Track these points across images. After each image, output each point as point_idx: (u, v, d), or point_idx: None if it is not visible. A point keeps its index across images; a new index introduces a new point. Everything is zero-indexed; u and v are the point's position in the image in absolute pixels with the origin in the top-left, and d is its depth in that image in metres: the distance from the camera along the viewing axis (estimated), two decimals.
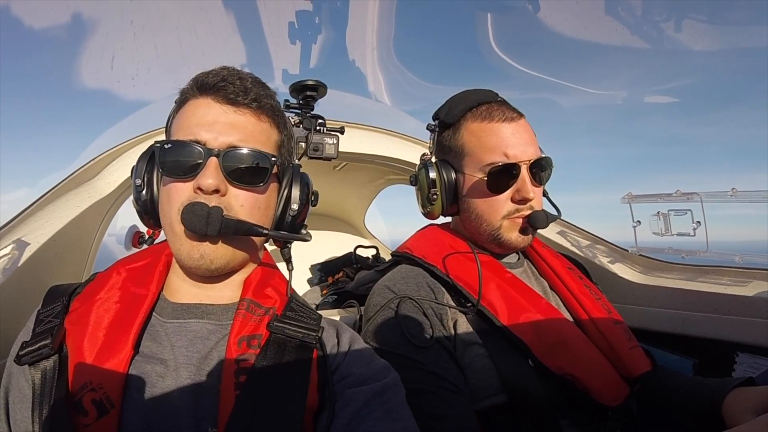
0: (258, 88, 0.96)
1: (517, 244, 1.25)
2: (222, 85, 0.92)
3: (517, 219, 1.23)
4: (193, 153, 0.88)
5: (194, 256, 0.88)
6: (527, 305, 1.17)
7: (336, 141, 1.51)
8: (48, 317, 0.89)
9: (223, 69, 0.96)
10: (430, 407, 1.03)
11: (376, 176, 2.94)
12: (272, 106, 0.98)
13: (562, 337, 1.14)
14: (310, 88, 1.41)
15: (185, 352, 0.86)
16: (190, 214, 0.85)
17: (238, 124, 0.92)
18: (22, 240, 1.21)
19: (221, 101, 0.92)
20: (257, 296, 0.95)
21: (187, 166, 0.88)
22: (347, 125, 1.83)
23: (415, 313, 1.16)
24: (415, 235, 1.44)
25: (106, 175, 1.53)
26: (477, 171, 1.23)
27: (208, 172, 0.87)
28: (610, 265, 1.78)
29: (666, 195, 1.57)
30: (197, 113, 0.92)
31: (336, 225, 3.61)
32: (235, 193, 0.90)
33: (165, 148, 0.90)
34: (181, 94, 0.98)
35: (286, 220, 1.00)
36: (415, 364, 1.08)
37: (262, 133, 0.95)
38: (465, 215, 1.31)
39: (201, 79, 0.94)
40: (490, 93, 1.32)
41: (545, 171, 1.25)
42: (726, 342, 1.43)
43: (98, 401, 0.76)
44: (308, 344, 0.90)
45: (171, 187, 0.90)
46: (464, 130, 1.27)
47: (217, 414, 0.78)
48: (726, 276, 1.50)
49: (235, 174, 0.89)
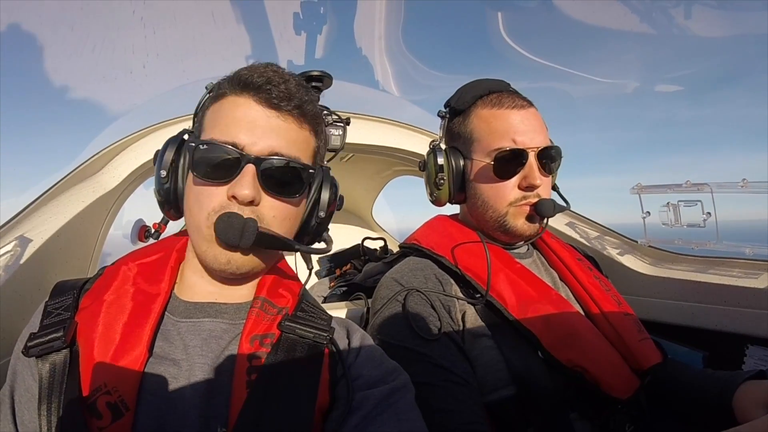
0: (302, 92, 0.91)
1: (523, 231, 1.24)
2: (267, 87, 0.87)
3: (523, 206, 1.22)
4: (229, 157, 0.85)
5: (221, 261, 0.87)
6: (537, 296, 1.16)
7: (342, 132, 1.50)
8: (57, 309, 0.88)
9: (267, 68, 0.92)
10: (437, 401, 1.03)
11: (384, 167, 2.94)
12: (314, 113, 0.94)
13: (573, 329, 1.14)
14: (316, 79, 1.40)
15: (200, 351, 0.85)
16: (225, 225, 0.82)
17: (280, 130, 0.88)
18: (26, 236, 1.21)
19: (264, 104, 0.88)
20: (271, 295, 0.94)
21: (223, 170, 0.85)
22: (353, 116, 1.82)
23: (423, 305, 1.15)
24: (423, 226, 1.43)
25: (111, 168, 1.53)
26: (485, 156, 1.23)
27: (245, 181, 0.83)
28: (620, 257, 1.77)
29: (676, 186, 1.56)
30: (237, 113, 0.88)
31: (344, 217, 3.61)
32: (270, 203, 0.88)
33: (199, 147, 0.86)
34: (219, 86, 0.93)
35: (311, 225, 0.98)
36: (423, 358, 1.08)
37: (303, 141, 0.92)
38: (472, 202, 1.31)
39: (244, 75, 0.89)
40: (502, 83, 1.32)
41: (554, 161, 1.24)
42: (736, 334, 1.42)
43: (113, 404, 0.75)
44: (319, 344, 0.89)
45: (202, 190, 0.87)
46: (474, 117, 1.27)
47: (228, 413, 0.78)
48: (736, 268, 1.48)
49: (272, 184, 0.86)
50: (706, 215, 1.49)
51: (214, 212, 0.85)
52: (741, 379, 1.09)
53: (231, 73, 0.93)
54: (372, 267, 1.85)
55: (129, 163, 1.55)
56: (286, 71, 0.94)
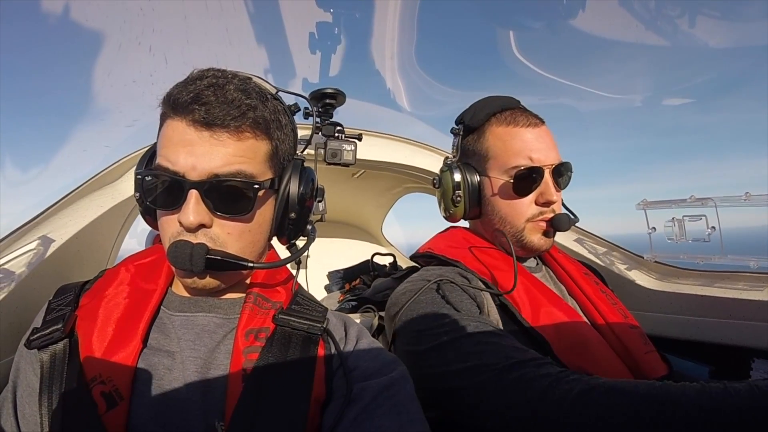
0: (241, 98, 0.85)
1: (539, 247, 1.27)
2: (194, 108, 0.82)
3: (540, 222, 1.25)
4: (172, 185, 0.84)
5: (187, 282, 0.88)
6: (549, 305, 1.18)
7: (354, 147, 1.54)
8: (59, 306, 0.91)
9: (199, 78, 0.87)
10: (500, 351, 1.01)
11: (394, 184, 2.96)
12: (255, 118, 0.87)
13: (582, 338, 1.15)
14: (329, 96, 1.45)
15: (192, 345, 0.86)
16: (173, 255, 0.83)
17: (216, 150, 0.83)
18: (47, 236, 1.24)
19: (195, 125, 0.83)
20: (264, 290, 0.96)
21: (170, 198, 0.84)
22: (365, 133, 1.86)
23: (459, 293, 1.16)
24: (436, 237, 1.45)
25: (129, 177, 1.56)
26: (502, 174, 1.26)
27: (189, 208, 0.82)
28: (627, 272, 1.78)
29: (680, 201, 1.57)
30: (174, 138, 0.84)
31: (353, 233, 3.64)
32: (221, 223, 0.86)
33: (146, 179, 0.86)
34: (161, 106, 0.89)
35: (286, 225, 0.97)
36: (468, 333, 1.05)
37: (246, 152, 0.86)
38: (487, 218, 1.33)
39: (174, 94, 0.85)
40: (513, 99, 1.34)
41: (564, 176, 1.27)
42: (742, 348, 1.42)
43: (107, 394, 0.77)
44: (313, 336, 0.90)
45: (161, 218, 0.88)
46: (489, 134, 1.29)
47: (225, 407, 0.79)
48: (741, 281, 1.49)
49: (218, 204, 0.84)
50: (710, 229, 1.50)
51: (172, 238, 0.85)
52: None
53: (168, 90, 0.89)
54: (381, 282, 1.87)
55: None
56: (227, 75, 0.89)
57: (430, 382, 1.03)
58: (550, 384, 0.91)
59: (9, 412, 0.82)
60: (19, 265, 1.16)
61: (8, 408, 0.83)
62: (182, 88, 0.85)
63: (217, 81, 0.86)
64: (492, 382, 0.95)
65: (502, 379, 0.95)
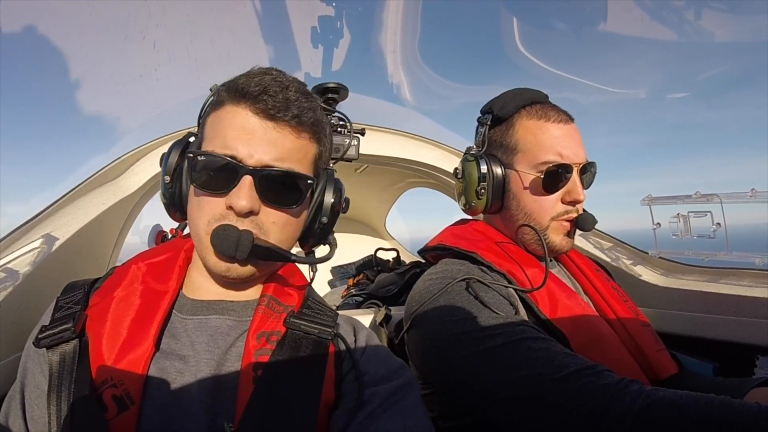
0: (301, 99, 0.90)
1: (560, 248, 1.25)
2: (263, 98, 0.86)
3: (564, 222, 1.23)
4: (227, 169, 0.85)
5: (221, 268, 0.88)
6: (566, 300, 1.17)
7: (357, 142, 1.53)
8: (68, 304, 0.90)
9: (265, 74, 0.90)
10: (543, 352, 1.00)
11: (397, 179, 2.96)
12: (314, 120, 0.92)
13: (599, 334, 1.15)
14: (332, 91, 1.43)
15: (206, 347, 0.86)
16: (220, 238, 0.84)
17: (277, 141, 0.87)
18: (50, 234, 1.24)
19: (260, 114, 0.87)
20: (278, 293, 0.96)
21: (221, 181, 0.86)
22: (368, 128, 1.85)
23: (486, 290, 1.13)
24: (447, 230, 1.41)
25: (131, 174, 1.56)
26: (530, 168, 1.23)
27: (242, 192, 0.84)
28: (632, 268, 1.78)
29: (685, 197, 1.56)
30: (234, 124, 0.87)
31: (357, 228, 3.64)
32: (268, 212, 0.88)
33: (198, 159, 0.87)
34: (218, 93, 0.92)
35: (314, 229, 0.99)
36: (515, 339, 1.03)
37: (300, 150, 0.91)
38: (509, 213, 1.29)
39: (241, 84, 0.88)
40: (542, 93, 1.31)
41: (589, 173, 1.25)
42: (746, 345, 1.41)
43: (119, 397, 0.77)
44: (324, 340, 0.90)
45: (202, 199, 0.88)
46: (519, 127, 1.26)
47: (235, 409, 0.79)
48: (746, 278, 1.48)
49: (269, 194, 0.87)
50: (715, 226, 1.49)
51: (214, 220, 0.86)
52: (750, 386, 1.09)
53: (229, 80, 0.92)
54: (384, 277, 1.87)
55: (148, 169, 1.59)
56: (287, 76, 0.93)
57: (470, 388, 1.03)
58: (612, 397, 0.89)
59: (17, 413, 0.82)
60: (21, 263, 1.16)
61: (16, 409, 0.82)
62: (248, 80, 0.88)
63: (282, 80, 0.90)
64: (553, 394, 0.93)
65: (564, 391, 0.92)
